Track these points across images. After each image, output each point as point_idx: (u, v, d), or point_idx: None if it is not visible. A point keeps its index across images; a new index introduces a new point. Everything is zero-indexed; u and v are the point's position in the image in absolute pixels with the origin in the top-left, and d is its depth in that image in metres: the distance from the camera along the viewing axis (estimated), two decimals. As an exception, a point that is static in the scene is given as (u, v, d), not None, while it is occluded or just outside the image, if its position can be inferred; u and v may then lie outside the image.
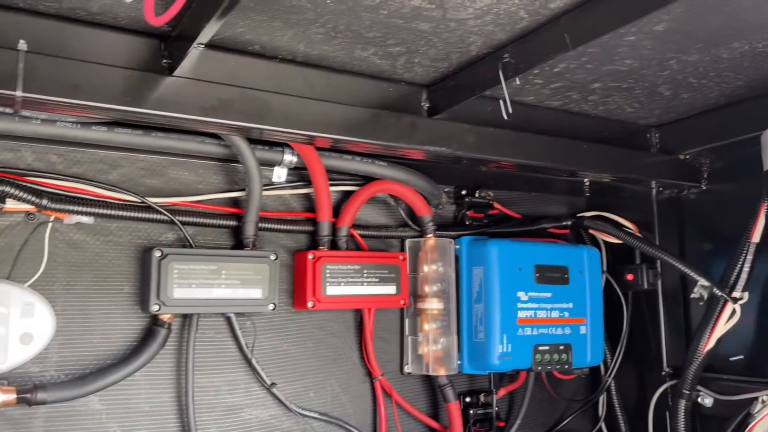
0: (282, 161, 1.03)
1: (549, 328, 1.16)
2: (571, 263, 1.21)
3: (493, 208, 1.26)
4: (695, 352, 1.14)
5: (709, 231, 1.26)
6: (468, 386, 1.24)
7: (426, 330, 1.13)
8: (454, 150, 0.99)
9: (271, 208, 1.07)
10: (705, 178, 1.26)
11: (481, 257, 1.14)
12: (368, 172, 1.09)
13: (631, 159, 1.19)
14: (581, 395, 1.35)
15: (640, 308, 1.29)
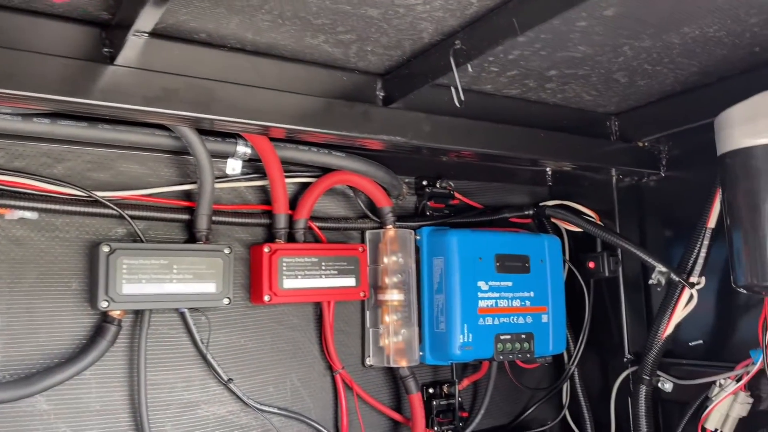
0: (235, 153, 1.01)
1: (510, 318, 1.16)
2: (532, 252, 1.21)
3: (454, 198, 1.25)
4: (654, 338, 1.15)
5: (668, 218, 1.27)
6: (431, 377, 1.23)
7: (387, 322, 1.12)
8: (409, 139, 0.98)
9: (225, 201, 1.05)
10: (664, 165, 1.27)
11: (441, 247, 1.14)
12: (325, 163, 1.08)
13: (590, 147, 1.19)
14: (545, 384, 1.36)
15: (602, 296, 1.30)
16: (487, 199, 1.33)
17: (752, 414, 1.04)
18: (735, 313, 1.14)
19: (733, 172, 0.99)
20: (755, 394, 1.04)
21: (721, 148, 1.00)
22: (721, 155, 1.00)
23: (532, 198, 1.39)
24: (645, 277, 1.28)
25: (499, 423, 1.31)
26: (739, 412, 1.03)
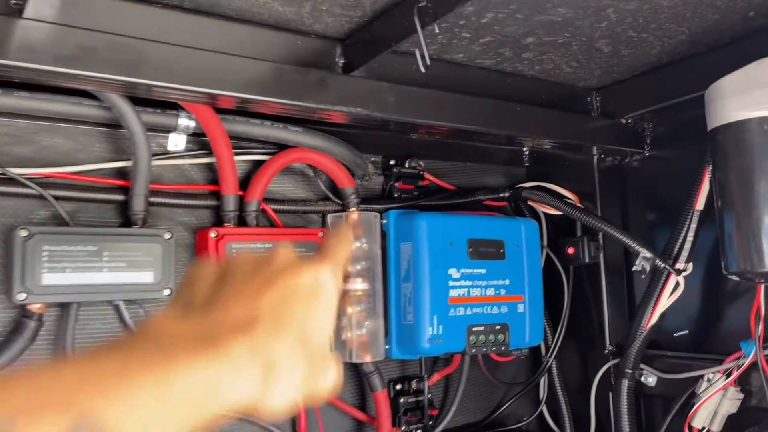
0: (177, 126, 0.91)
1: (484, 307, 1.07)
2: (507, 237, 1.12)
3: (424, 179, 1.15)
4: (638, 329, 1.07)
5: (652, 200, 1.19)
6: (398, 372, 1.14)
7: (349, 313, 1.03)
8: (371, 111, 0.88)
9: (167, 180, 0.94)
10: (648, 143, 1.19)
11: (410, 232, 1.04)
12: (280, 138, 0.98)
13: (570, 123, 1.10)
14: (521, 377, 1.28)
15: (582, 283, 1.22)
16: (460, 180, 1.24)
17: (742, 410, 0.97)
18: (723, 301, 1.07)
19: (724, 148, 0.91)
20: (746, 389, 0.97)
21: (711, 122, 0.92)
22: (712, 130, 0.92)
23: (508, 179, 1.30)
24: (628, 263, 1.20)
25: (473, 420, 1.23)
26: (729, 408, 0.96)
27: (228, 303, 0.41)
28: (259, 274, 0.44)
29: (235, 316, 0.40)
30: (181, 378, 0.35)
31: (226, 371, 0.37)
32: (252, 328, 0.39)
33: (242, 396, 0.38)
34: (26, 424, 0.29)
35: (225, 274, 0.45)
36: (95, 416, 0.31)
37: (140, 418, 0.33)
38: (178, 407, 0.35)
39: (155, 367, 0.35)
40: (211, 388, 0.36)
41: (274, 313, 0.41)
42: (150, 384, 0.34)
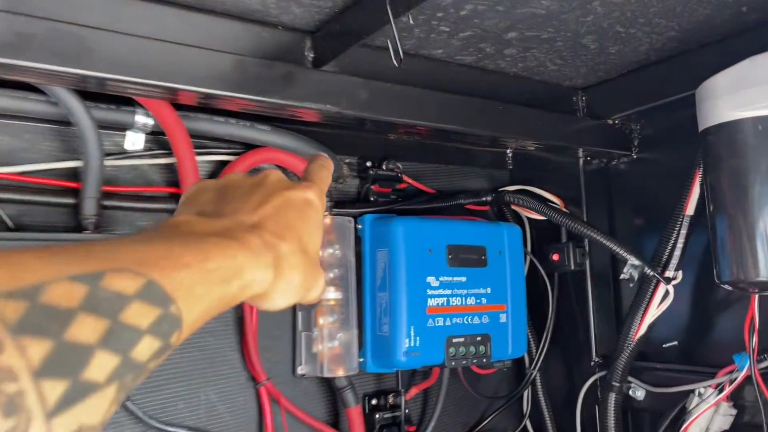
0: (134, 124, 0.84)
1: (464, 317, 1.02)
2: (489, 243, 1.06)
3: (402, 181, 1.09)
4: (625, 340, 1.01)
5: (640, 204, 1.14)
6: (374, 387, 1.08)
7: (321, 324, 0.97)
8: (342, 109, 0.82)
9: (124, 182, 0.88)
10: (635, 145, 1.14)
11: (386, 237, 0.98)
12: (246, 137, 0.91)
13: (555, 123, 1.05)
14: (504, 391, 1.22)
15: (567, 292, 1.16)
16: (440, 183, 1.18)
17: (735, 427, 0.92)
18: (715, 311, 1.02)
19: (716, 150, 0.86)
20: (739, 405, 0.92)
21: (703, 122, 0.87)
22: (704, 131, 0.87)
23: (490, 183, 1.25)
24: (615, 270, 1.15)
25: (453, 435, 1.17)
26: (721, 425, 0.90)
27: (235, 211, 0.45)
28: (257, 189, 0.48)
29: (244, 220, 0.44)
30: (215, 260, 0.38)
31: (248, 259, 0.41)
32: (261, 230, 0.44)
33: (258, 284, 0.42)
34: (110, 278, 0.31)
35: (224, 189, 0.49)
36: (159, 284, 0.34)
37: (186, 291, 0.35)
38: (213, 285, 0.38)
39: (193, 249, 0.38)
40: (237, 271, 0.40)
41: (275, 220, 0.46)
42: (191, 262, 0.37)
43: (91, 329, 0.29)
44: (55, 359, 0.27)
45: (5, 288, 0.28)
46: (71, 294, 0.30)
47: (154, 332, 0.33)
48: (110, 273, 0.32)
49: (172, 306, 0.34)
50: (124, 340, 0.31)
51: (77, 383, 0.28)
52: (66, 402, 0.27)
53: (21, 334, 0.27)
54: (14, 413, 0.25)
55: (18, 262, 0.29)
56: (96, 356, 0.29)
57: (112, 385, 0.30)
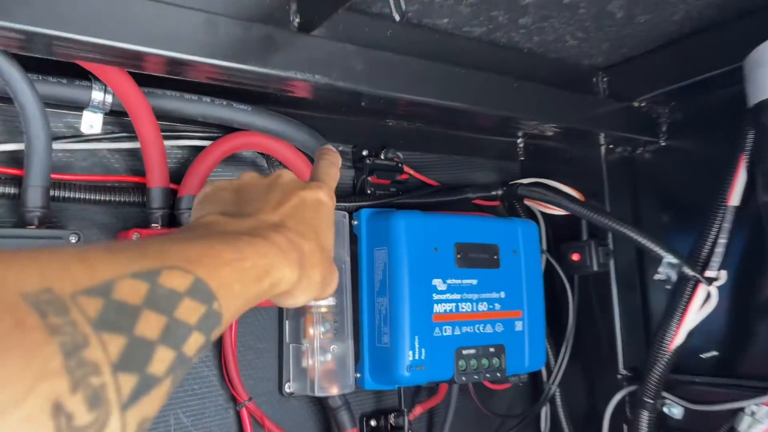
0: (90, 101, 0.72)
1: (475, 326, 0.89)
2: (502, 241, 0.94)
3: (402, 172, 0.97)
4: (659, 350, 0.89)
5: (669, 198, 1.02)
6: (372, 406, 0.95)
7: (312, 335, 0.84)
8: (333, 80, 0.70)
9: (79, 170, 0.75)
10: (663, 131, 1.02)
11: (385, 235, 0.86)
12: (224, 119, 0.79)
13: (575, 104, 0.93)
14: (519, 408, 1.09)
15: (589, 296, 1.04)
16: (444, 175, 1.06)
17: (794, 451, 0.79)
18: (760, 316, 0.89)
19: (772, 127, 0.74)
20: (797, 425, 0.79)
21: (754, 95, 0.75)
22: (756, 105, 0.75)
23: (499, 175, 1.12)
24: (642, 271, 1.03)
25: (462, 459, 1.04)
26: (778, 448, 0.78)
27: (257, 211, 0.46)
28: (273, 189, 0.50)
29: (267, 219, 0.46)
30: (250, 258, 0.39)
31: (278, 257, 0.42)
32: (284, 229, 0.45)
33: (286, 282, 0.42)
34: (166, 276, 0.32)
35: (240, 190, 0.51)
36: (205, 281, 0.34)
37: (226, 288, 0.36)
38: (248, 283, 0.39)
39: (231, 247, 0.38)
40: (269, 270, 0.41)
41: (295, 219, 0.47)
42: (230, 261, 0.37)
43: (154, 325, 0.30)
44: (128, 354, 0.28)
45: (84, 285, 0.28)
46: (136, 291, 0.30)
47: (200, 328, 0.33)
48: (165, 270, 0.33)
49: (215, 303, 0.35)
50: (178, 336, 0.32)
51: (144, 377, 0.29)
52: (136, 395, 0.28)
53: (101, 329, 0.28)
54: (97, 406, 0.26)
55: (92, 258, 0.30)
56: (158, 351, 0.30)
57: (168, 378, 0.31)
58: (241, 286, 0.38)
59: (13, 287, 0.26)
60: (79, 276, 0.29)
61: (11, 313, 0.25)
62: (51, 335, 0.26)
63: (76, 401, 0.25)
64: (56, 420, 0.24)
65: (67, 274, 0.28)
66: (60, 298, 0.27)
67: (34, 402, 0.24)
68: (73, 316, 0.27)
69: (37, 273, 0.27)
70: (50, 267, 0.28)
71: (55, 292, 0.27)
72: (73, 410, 0.25)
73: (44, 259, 0.28)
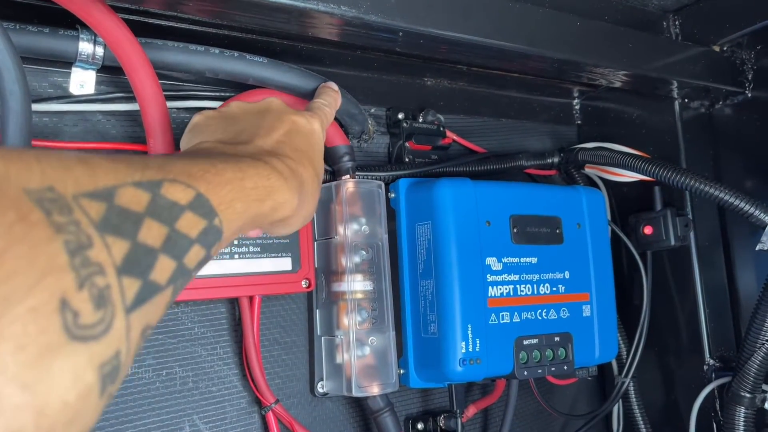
0: (78, 54, 0.61)
1: (537, 311, 0.76)
2: (565, 212, 0.80)
3: (444, 136, 0.84)
4: (758, 336, 0.75)
5: (756, 160, 0.87)
6: (419, 406, 0.82)
7: (347, 325, 0.72)
8: (362, 13, 0.57)
9: (69, 137, 0.64)
10: (749, 79, 0.87)
11: (429, 207, 0.73)
12: (236, 74, 0.67)
13: (648, 47, 0.79)
14: (584, 406, 0.95)
15: (665, 275, 0.90)
16: (491, 141, 0.92)
17: None
18: None
19: None
20: None
21: None
22: None
23: (554, 141, 0.99)
24: (726, 244, 0.89)
25: (523, 465, 0.91)
26: None
27: (251, 138, 0.47)
28: (264, 115, 0.51)
29: (262, 145, 0.46)
30: (252, 179, 0.40)
31: (279, 181, 0.42)
32: (281, 155, 0.45)
33: (286, 207, 0.43)
34: (167, 188, 0.32)
35: (231, 118, 0.52)
36: (206, 197, 0.35)
37: (227, 206, 0.36)
38: (250, 203, 0.39)
39: (233, 166, 0.39)
40: (270, 192, 0.41)
41: (289, 146, 0.48)
42: (232, 179, 0.38)
43: (156, 234, 0.30)
44: (131, 259, 0.28)
45: (87, 188, 0.28)
46: (138, 199, 0.30)
47: (201, 242, 0.33)
48: (167, 183, 0.32)
49: (216, 219, 0.35)
50: (179, 247, 0.32)
51: (147, 283, 0.29)
52: (139, 300, 0.28)
53: (105, 232, 0.27)
54: (102, 306, 0.26)
55: (94, 164, 0.29)
56: (160, 259, 0.30)
57: (170, 287, 0.31)
58: (242, 205, 0.38)
59: (16, 183, 0.25)
60: (81, 178, 0.28)
61: (15, 207, 0.24)
62: (56, 232, 0.25)
63: (82, 299, 0.25)
64: (62, 315, 0.24)
65: (69, 175, 0.27)
66: (63, 197, 0.26)
67: (41, 295, 0.23)
68: (76, 216, 0.26)
69: (39, 171, 0.26)
70: (52, 167, 0.27)
71: (58, 191, 0.26)
72: (79, 307, 0.25)
73: (45, 158, 0.27)
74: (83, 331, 0.25)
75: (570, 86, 0.97)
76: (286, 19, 0.57)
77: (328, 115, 0.59)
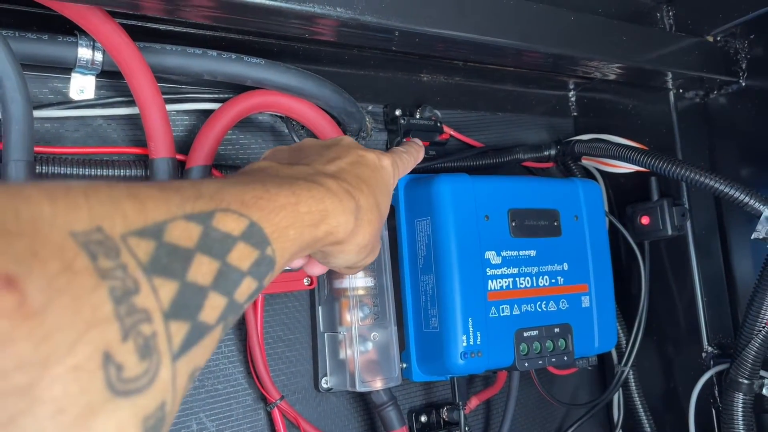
0: (77, 60, 0.61)
1: (537, 303, 0.77)
2: (563, 205, 0.81)
3: (441, 132, 0.85)
4: (755, 323, 0.76)
5: (750, 149, 0.88)
6: (422, 399, 0.84)
7: (349, 321, 0.73)
8: (357, 13, 0.58)
9: (70, 141, 0.65)
10: (743, 69, 0.87)
11: (427, 203, 0.74)
12: (234, 75, 0.68)
13: (641, 39, 0.79)
14: (585, 395, 0.97)
15: (662, 264, 0.91)
16: (488, 135, 0.93)
17: None
18: None
19: None
20: None
21: None
22: None
23: (551, 134, 0.99)
24: (723, 233, 0.89)
25: (526, 454, 0.92)
26: None
27: (313, 162, 0.46)
28: (331, 147, 0.49)
29: (321, 168, 0.44)
30: (306, 203, 0.38)
31: (333, 203, 0.41)
32: (341, 179, 0.44)
33: (341, 230, 0.42)
34: (219, 219, 0.31)
35: (299, 149, 0.51)
36: (260, 226, 0.33)
37: (281, 233, 0.35)
38: (303, 228, 0.38)
39: (286, 191, 0.37)
40: (324, 216, 0.40)
41: (350, 174, 0.46)
42: (286, 204, 0.36)
43: (207, 270, 0.29)
44: (180, 301, 0.27)
45: (136, 226, 0.26)
46: (189, 234, 0.29)
47: (253, 274, 0.32)
48: (219, 213, 0.31)
49: (269, 248, 0.34)
50: (231, 282, 0.30)
51: (196, 325, 0.28)
52: (187, 344, 0.27)
53: (153, 274, 0.26)
54: (148, 356, 0.24)
55: (144, 197, 0.28)
56: (210, 298, 0.29)
57: (220, 326, 0.29)
58: (296, 231, 0.37)
59: (63, 226, 0.23)
60: (130, 215, 0.26)
61: (59, 255, 0.22)
62: (101, 279, 0.24)
63: (126, 351, 0.24)
64: (106, 370, 0.23)
65: (118, 213, 0.26)
66: (111, 238, 0.25)
67: (84, 351, 0.22)
68: (124, 259, 0.25)
69: (86, 210, 0.25)
70: (101, 204, 0.25)
71: (106, 231, 0.25)
72: (123, 360, 0.23)
73: (94, 193, 0.26)
74: (127, 385, 0.23)
75: (566, 78, 0.97)
76: (283, 21, 0.57)
77: (404, 161, 0.57)
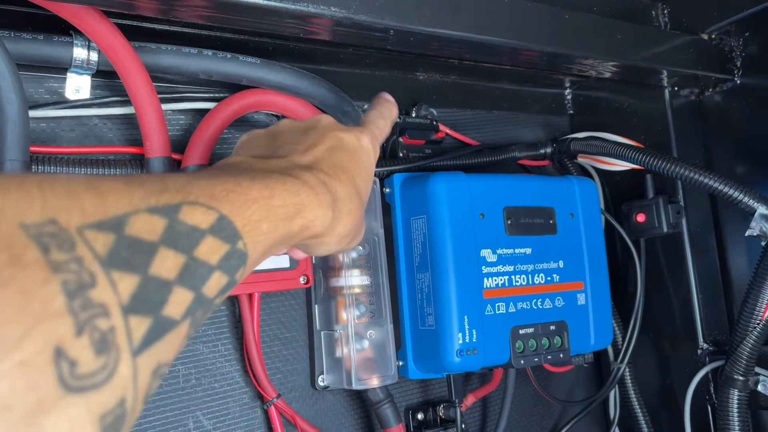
0: (73, 60, 0.62)
1: (532, 301, 0.77)
2: (558, 203, 0.81)
3: (437, 130, 0.85)
4: (750, 319, 0.76)
5: (745, 146, 0.88)
6: (419, 397, 0.84)
7: (345, 320, 0.73)
8: (351, 13, 0.58)
9: (66, 141, 0.65)
10: (738, 66, 0.88)
11: (423, 201, 0.74)
12: (229, 75, 0.68)
13: (636, 37, 0.79)
14: (580, 392, 0.97)
15: (658, 261, 0.91)
16: (484, 133, 0.93)
17: None
18: None
19: None
20: None
21: None
22: None
23: (547, 132, 1.00)
24: (718, 230, 0.90)
25: (523, 451, 0.92)
26: None
27: (288, 153, 0.45)
28: (309, 131, 0.48)
29: (298, 160, 0.44)
30: (280, 197, 0.38)
31: (309, 197, 0.40)
32: (316, 170, 0.43)
33: (318, 224, 0.41)
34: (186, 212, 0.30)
35: (275, 134, 0.50)
36: (230, 219, 0.33)
37: (253, 227, 0.34)
38: (278, 222, 0.37)
39: (259, 184, 0.37)
40: (299, 209, 0.39)
41: (328, 162, 0.45)
42: (258, 198, 0.36)
43: (171, 264, 0.28)
44: (141, 295, 0.26)
45: (94, 218, 0.26)
46: (153, 227, 0.28)
47: (222, 268, 0.32)
48: (186, 206, 0.30)
49: (240, 242, 0.33)
50: (197, 276, 0.30)
51: (159, 320, 0.27)
52: (149, 339, 0.26)
53: (111, 268, 0.25)
54: (105, 351, 0.24)
55: (105, 189, 0.27)
56: (174, 292, 0.28)
57: (186, 321, 0.29)
58: (269, 225, 0.36)
59: (12, 218, 0.23)
60: (88, 208, 0.26)
61: (7, 246, 0.22)
62: (53, 273, 0.23)
63: (80, 346, 0.23)
64: (58, 366, 0.22)
65: (75, 206, 0.25)
66: (66, 230, 0.24)
67: (33, 346, 0.21)
68: (79, 252, 0.24)
69: (40, 201, 0.24)
70: (56, 196, 0.25)
71: (61, 224, 0.24)
72: (77, 355, 0.23)
73: (49, 185, 0.25)
74: (81, 381, 0.23)
75: (561, 77, 0.98)
76: (278, 21, 0.57)
77: (381, 128, 0.56)
